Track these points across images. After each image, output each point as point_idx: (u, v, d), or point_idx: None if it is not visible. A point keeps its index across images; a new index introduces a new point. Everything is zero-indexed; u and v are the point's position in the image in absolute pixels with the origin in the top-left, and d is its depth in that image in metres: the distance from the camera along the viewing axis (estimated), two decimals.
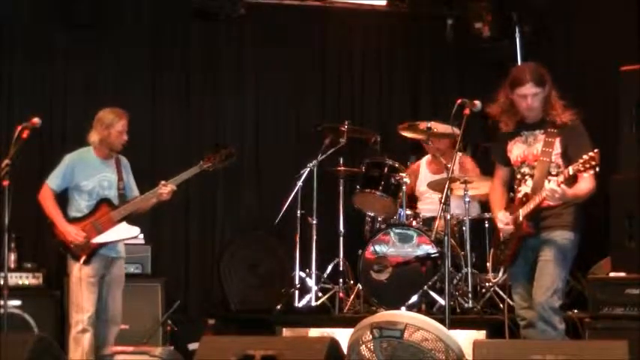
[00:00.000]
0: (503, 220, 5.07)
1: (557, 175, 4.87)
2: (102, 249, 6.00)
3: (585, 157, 4.61)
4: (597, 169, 4.62)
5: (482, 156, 7.63)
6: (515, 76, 5.05)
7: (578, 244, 5.02)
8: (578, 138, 4.95)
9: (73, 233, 5.94)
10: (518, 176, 5.11)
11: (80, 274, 5.92)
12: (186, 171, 6.13)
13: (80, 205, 6.07)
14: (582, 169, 4.63)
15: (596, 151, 4.63)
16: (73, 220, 6.02)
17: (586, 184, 4.84)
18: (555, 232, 4.95)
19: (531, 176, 5.01)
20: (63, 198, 6.15)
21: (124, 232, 6.06)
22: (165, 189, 6.03)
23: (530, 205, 4.90)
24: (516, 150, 5.10)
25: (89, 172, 6.08)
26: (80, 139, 6.16)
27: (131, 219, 6.10)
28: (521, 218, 4.96)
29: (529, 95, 4.98)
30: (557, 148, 4.96)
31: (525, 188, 5.01)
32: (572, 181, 4.76)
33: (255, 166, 8.50)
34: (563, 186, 4.74)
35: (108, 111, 6.14)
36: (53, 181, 6.09)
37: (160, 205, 6.25)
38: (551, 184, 4.76)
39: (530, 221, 4.94)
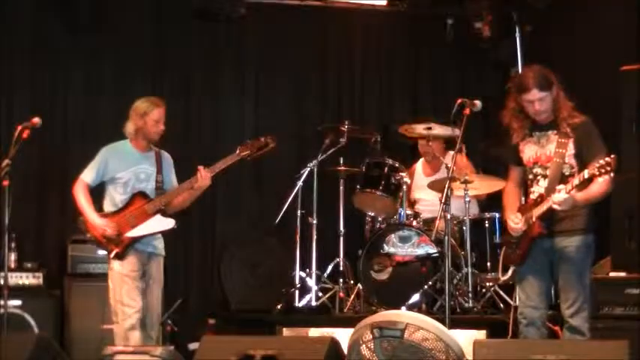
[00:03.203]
0: (514, 220, 5.07)
1: (571, 175, 4.88)
2: (137, 243, 5.86)
3: (602, 161, 4.61)
4: (612, 174, 4.62)
5: (481, 155, 7.65)
6: (519, 83, 5.06)
7: (595, 243, 5.06)
8: (592, 139, 4.96)
9: (102, 226, 5.79)
10: (531, 176, 5.12)
11: (119, 270, 5.79)
12: (223, 159, 6.00)
13: (115, 198, 5.93)
14: (597, 173, 4.63)
15: (613, 156, 4.62)
16: (107, 215, 5.89)
17: (599, 187, 4.83)
18: (571, 238, 4.97)
19: (544, 177, 5.02)
20: (100, 193, 6.04)
21: (159, 225, 5.93)
22: (200, 173, 5.85)
23: (544, 207, 4.91)
24: (528, 151, 5.12)
25: (125, 164, 5.93)
26: (80, 138, 6.18)
27: (168, 214, 5.97)
28: (534, 219, 4.97)
29: (535, 101, 4.99)
30: (571, 149, 4.97)
31: (538, 189, 5.03)
32: (586, 183, 4.75)
33: (255, 167, 8.49)
34: (573, 192, 4.76)
35: (143, 99, 6.04)
36: (87, 174, 5.94)
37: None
38: (561, 194, 4.77)
39: (544, 222, 4.95)
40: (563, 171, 4.92)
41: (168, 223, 5.97)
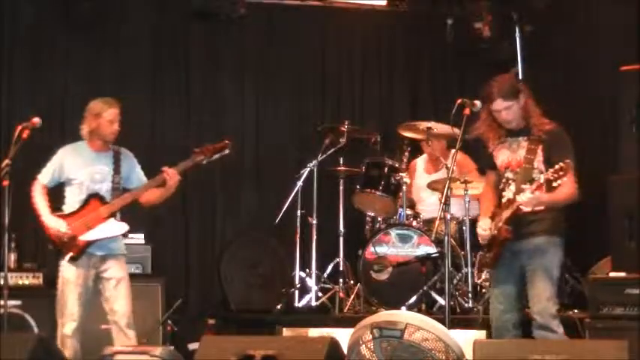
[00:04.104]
0: (482, 226, 5.18)
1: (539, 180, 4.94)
2: (91, 247, 5.81)
3: (557, 166, 4.71)
4: (572, 177, 4.81)
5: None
6: (486, 93, 5.17)
7: (563, 245, 5.12)
8: (560, 146, 5.04)
9: (57, 229, 5.76)
10: (503, 181, 5.21)
11: (65, 275, 5.77)
12: (182, 163, 5.93)
13: (71, 199, 5.90)
14: (552, 178, 4.73)
15: (567, 161, 4.73)
16: (64, 216, 5.85)
17: (565, 189, 4.91)
18: (539, 238, 5.06)
19: (514, 181, 5.11)
20: (58, 193, 6.01)
21: (111, 229, 5.85)
22: (167, 172, 5.82)
23: (509, 211, 5.01)
24: (501, 156, 5.23)
25: (79, 165, 5.90)
26: (80, 138, 6.14)
27: (134, 211, 5.96)
28: (501, 223, 5.06)
29: (502, 110, 5.12)
30: (540, 155, 5.06)
31: (509, 193, 5.11)
32: (550, 187, 4.80)
33: (255, 166, 8.50)
34: (536, 192, 4.84)
35: (97, 100, 5.99)
36: (44, 175, 5.92)
37: (158, 205, 6.13)
38: (526, 194, 4.86)
39: (511, 226, 5.04)
40: (533, 176, 5.00)
41: (121, 228, 5.91)
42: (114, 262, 5.91)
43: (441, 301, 6.67)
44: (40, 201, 5.87)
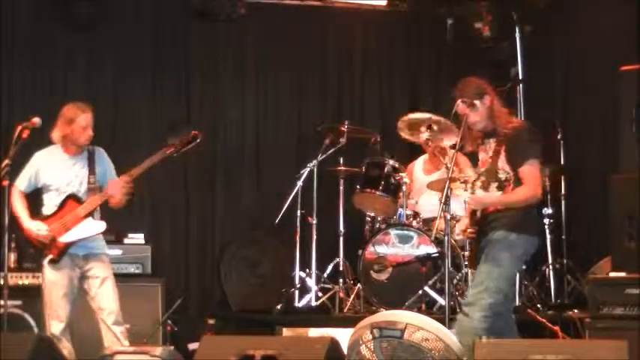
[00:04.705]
0: (459, 227, 5.32)
1: (507, 180, 4.93)
2: (71, 248, 5.80)
3: (503, 177, 4.78)
4: (532, 178, 4.90)
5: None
6: (452, 96, 5.21)
7: (525, 244, 5.06)
8: (521, 145, 5.04)
9: (34, 229, 5.75)
10: None
11: (48, 277, 5.76)
12: (148, 159, 5.87)
13: (50, 204, 5.88)
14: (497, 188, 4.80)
15: (511, 174, 4.83)
16: (41, 218, 5.83)
17: (521, 190, 4.95)
18: (496, 232, 5.06)
19: (482, 182, 5.09)
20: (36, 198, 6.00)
21: (89, 229, 5.82)
22: (119, 182, 5.80)
23: (467, 212, 5.14)
24: (480, 157, 5.26)
25: (55, 171, 5.87)
26: None
27: (107, 210, 5.91)
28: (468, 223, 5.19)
29: (465, 112, 5.15)
30: (503, 155, 5.08)
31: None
32: (502, 186, 4.85)
33: (255, 166, 8.50)
34: (478, 192, 4.87)
35: (71, 105, 5.92)
36: (21, 181, 5.88)
37: (159, 205, 6.12)
38: (469, 193, 4.93)
39: (475, 226, 5.12)
40: (499, 176, 4.97)
41: (99, 227, 5.88)
42: (96, 261, 5.89)
43: (441, 301, 6.66)
44: (18, 206, 5.84)
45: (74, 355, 5.66)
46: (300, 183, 7.34)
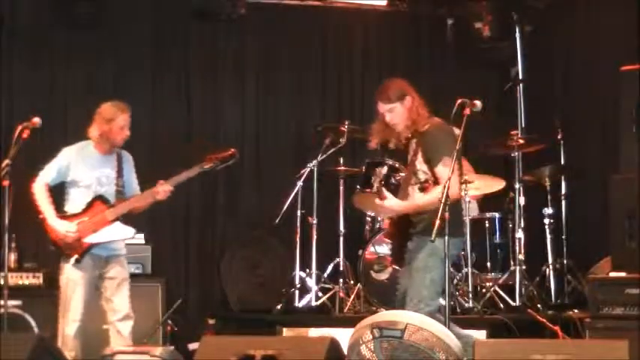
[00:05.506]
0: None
1: (426, 181, 5.07)
2: (94, 248, 5.83)
3: (422, 178, 4.97)
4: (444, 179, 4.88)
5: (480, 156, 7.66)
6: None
7: (449, 247, 4.98)
8: (434, 145, 5.09)
9: (63, 230, 5.78)
10: None
11: (70, 276, 5.78)
12: (186, 171, 5.99)
13: (76, 200, 5.89)
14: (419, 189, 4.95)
15: (431, 179, 5.00)
16: (67, 217, 5.86)
17: (428, 194, 5.02)
18: (415, 239, 5.13)
19: (404, 182, 5.25)
20: (58, 192, 6.00)
21: (118, 233, 5.89)
22: (162, 188, 5.88)
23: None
24: (408, 157, 5.31)
25: (87, 168, 5.90)
26: (81, 138, 6.14)
27: (127, 217, 5.96)
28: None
29: (384, 112, 5.21)
30: (420, 154, 5.14)
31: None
32: (422, 187, 5.00)
33: (255, 166, 8.50)
34: (389, 201, 5.02)
35: (109, 105, 5.98)
36: (47, 173, 5.91)
37: (158, 205, 6.15)
38: (389, 200, 5.08)
39: (394, 225, 5.23)
40: (419, 176, 5.09)
41: (128, 232, 5.94)
42: (117, 262, 5.95)
43: (441, 301, 6.65)
44: (43, 200, 5.86)
45: (80, 356, 5.68)
46: (300, 183, 7.34)
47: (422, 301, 5.04)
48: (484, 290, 6.91)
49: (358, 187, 7.26)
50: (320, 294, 7.22)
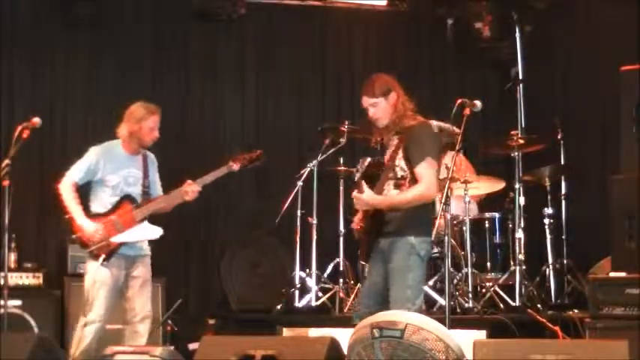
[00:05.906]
0: (355, 220, 5.30)
1: (403, 178, 5.06)
2: (122, 247, 5.83)
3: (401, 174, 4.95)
4: (426, 177, 4.94)
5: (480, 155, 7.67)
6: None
7: (424, 245, 5.09)
8: (416, 143, 5.08)
9: (92, 230, 5.77)
10: None
11: (97, 277, 5.75)
12: (214, 171, 5.98)
13: (104, 200, 5.88)
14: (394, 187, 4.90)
15: (407, 177, 4.98)
16: (94, 216, 5.85)
17: (415, 189, 5.01)
18: (389, 239, 5.10)
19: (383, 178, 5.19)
20: (84, 191, 5.98)
21: (146, 233, 5.91)
22: (190, 188, 5.87)
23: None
24: (386, 154, 5.28)
25: (115, 167, 5.89)
26: (81, 138, 6.18)
27: (152, 217, 5.96)
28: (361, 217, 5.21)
29: (368, 107, 5.20)
30: (400, 152, 5.12)
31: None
32: (398, 184, 4.99)
33: (255, 166, 8.48)
34: (365, 194, 5.01)
35: (140, 105, 5.98)
36: (76, 173, 5.88)
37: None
38: (366, 193, 5.05)
39: (367, 222, 5.18)
40: (396, 172, 5.08)
41: (156, 232, 5.95)
42: (142, 262, 5.96)
43: (441, 301, 6.66)
44: (71, 201, 5.84)
45: (92, 356, 5.66)
46: (300, 183, 7.33)
47: (408, 300, 5.01)
48: (484, 290, 6.91)
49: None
50: (320, 294, 7.22)
